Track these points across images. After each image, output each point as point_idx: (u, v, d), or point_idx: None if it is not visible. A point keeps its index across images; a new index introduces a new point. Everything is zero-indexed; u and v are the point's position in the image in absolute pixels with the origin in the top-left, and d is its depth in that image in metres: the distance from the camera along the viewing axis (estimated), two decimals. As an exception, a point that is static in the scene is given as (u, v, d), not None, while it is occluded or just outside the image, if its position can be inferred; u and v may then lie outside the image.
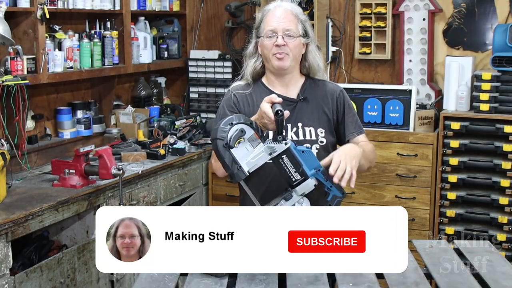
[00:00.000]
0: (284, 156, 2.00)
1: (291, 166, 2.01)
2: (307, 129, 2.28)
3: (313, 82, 2.37)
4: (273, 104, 2.07)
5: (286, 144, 1.99)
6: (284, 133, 2.01)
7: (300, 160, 2.00)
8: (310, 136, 2.28)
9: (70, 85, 3.97)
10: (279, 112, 1.99)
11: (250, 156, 1.98)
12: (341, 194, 2.06)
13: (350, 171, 2.02)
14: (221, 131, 1.98)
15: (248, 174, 1.97)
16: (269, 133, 2.19)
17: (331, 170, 2.01)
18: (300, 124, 2.28)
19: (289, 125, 2.26)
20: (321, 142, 2.29)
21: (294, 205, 2.02)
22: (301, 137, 2.27)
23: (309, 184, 2.01)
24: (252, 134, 2.00)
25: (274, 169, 2.08)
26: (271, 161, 2.02)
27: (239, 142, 1.97)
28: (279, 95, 2.27)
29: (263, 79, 2.38)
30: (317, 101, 2.33)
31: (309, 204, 2.03)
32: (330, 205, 2.06)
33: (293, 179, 2.02)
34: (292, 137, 2.26)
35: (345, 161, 2.03)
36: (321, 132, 2.29)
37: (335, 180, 2.00)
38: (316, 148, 2.27)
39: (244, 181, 2.02)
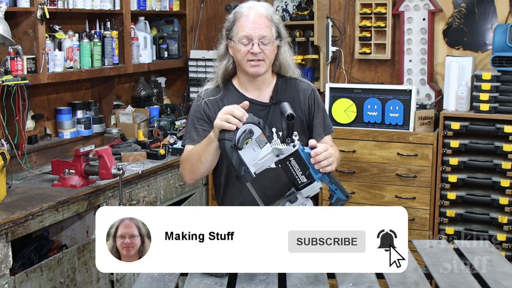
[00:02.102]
0: (291, 158, 1.98)
1: (298, 169, 1.99)
2: (281, 134, 2.21)
3: (285, 81, 2.33)
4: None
5: (294, 146, 1.97)
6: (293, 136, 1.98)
7: (307, 163, 1.99)
8: None
9: (70, 85, 3.97)
10: (290, 115, 1.96)
11: (257, 157, 1.95)
12: (345, 197, 2.04)
13: (330, 162, 1.99)
14: (229, 131, 1.94)
15: (254, 176, 1.94)
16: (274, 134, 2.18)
17: (314, 151, 1.98)
18: (274, 129, 2.22)
19: None
20: (295, 146, 2.22)
21: None
22: None
23: (315, 187, 2.01)
24: (259, 134, 1.96)
25: (275, 170, 2.06)
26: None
27: (246, 143, 1.93)
28: (251, 100, 2.23)
29: (234, 82, 2.32)
30: (290, 103, 2.24)
31: (312, 205, 2.02)
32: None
33: (299, 182, 2.00)
34: None
35: (330, 153, 2.00)
36: (295, 136, 2.22)
37: (312, 154, 1.97)
38: None
39: (249, 182, 1.99)
